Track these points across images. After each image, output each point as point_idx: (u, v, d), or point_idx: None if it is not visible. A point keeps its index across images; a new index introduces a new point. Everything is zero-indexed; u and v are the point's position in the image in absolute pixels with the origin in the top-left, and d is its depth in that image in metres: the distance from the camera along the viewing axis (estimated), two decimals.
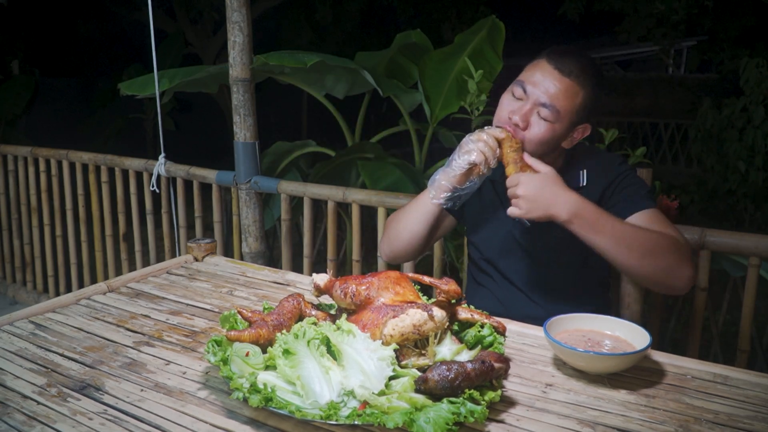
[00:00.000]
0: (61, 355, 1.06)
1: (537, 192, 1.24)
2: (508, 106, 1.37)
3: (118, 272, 3.18)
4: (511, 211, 1.28)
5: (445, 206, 1.41)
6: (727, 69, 6.69)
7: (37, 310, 1.24)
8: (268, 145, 3.33)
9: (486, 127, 1.34)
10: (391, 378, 0.87)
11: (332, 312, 1.11)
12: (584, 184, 1.43)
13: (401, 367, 0.90)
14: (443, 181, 1.34)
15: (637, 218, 1.34)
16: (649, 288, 1.24)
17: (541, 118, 1.32)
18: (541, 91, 1.32)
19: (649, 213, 1.35)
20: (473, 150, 1.29)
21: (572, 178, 1.43)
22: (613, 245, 1.24)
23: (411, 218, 1.49)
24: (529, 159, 1.29)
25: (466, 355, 0.95)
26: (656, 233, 1.28)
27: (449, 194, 1.35)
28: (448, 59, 2.99)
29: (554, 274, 1.47)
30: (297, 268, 2.40)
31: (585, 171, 1.44)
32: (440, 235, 1.68)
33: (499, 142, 1.30)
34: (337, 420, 0.80)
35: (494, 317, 1.05)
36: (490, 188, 1.51)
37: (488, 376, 0.86)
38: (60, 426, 0.85)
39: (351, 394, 0.84)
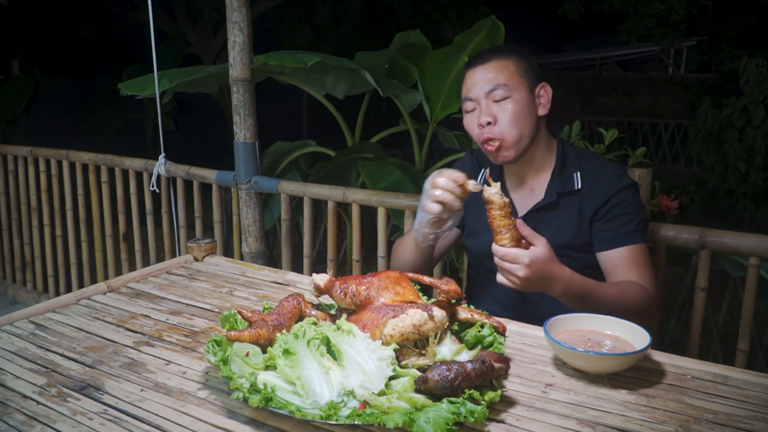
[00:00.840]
0: (61, 355, 1.06)
1: (540, 274, 1.16)
2: (472, 121, 1.43)
3: (118, 272, 3.19)
4: (503, 282, 1.19)
5: (433, 243, 1.37)
6: (727, 69, 6.70)
7: (37, 310, 1.24)
8: (268, 145, 3.33)
9: (443, 170, 1.23)
10: (391, 378, 0.87)
11: (332, 312, 1.11)
12: (579, 187, 1.43)
13: (401, 367, 0.90)
14: (424, 229, 1.28)
15: (622, 253, 1.38)
16: None
17: (499, 101, 1.39)
18: (480, 85, 1.40)
19: (634, 250, 1.38)
20: (430, 204, 1.22)
21: (567, 180, 1.44)
22: (594, 311, 1.22)
23: (410, 255, 1.48)
24: (523, 229, 1.15)
25: (466, 355, 0.95)
26: (634, 293, 1.31)
27: (433, 237, 1.30)
28: (448, 59, 2.99)
29: None
30: (297, 268, 2.40)
31: (579, 174, 1.44)
32: (449, 247, 1.69)
33: (486, 204, 1.12)
34: (337, 420, 0.80)
35: (494, 317, 1.05)
36: None
37: (488, 376, 0.86)
38: (60, 426, 0.85)
39: (351, 394, 0.84)
